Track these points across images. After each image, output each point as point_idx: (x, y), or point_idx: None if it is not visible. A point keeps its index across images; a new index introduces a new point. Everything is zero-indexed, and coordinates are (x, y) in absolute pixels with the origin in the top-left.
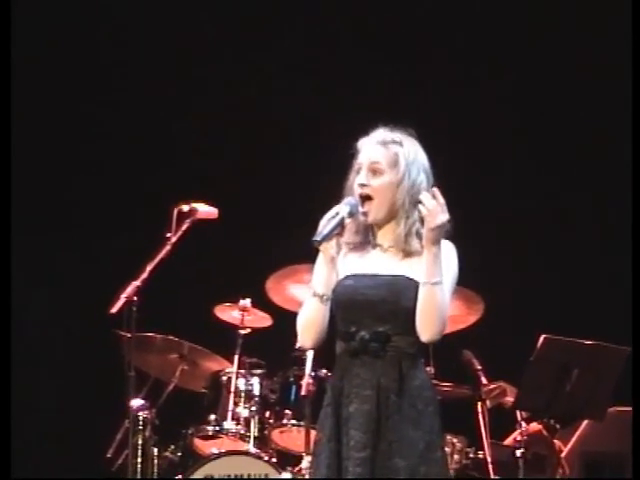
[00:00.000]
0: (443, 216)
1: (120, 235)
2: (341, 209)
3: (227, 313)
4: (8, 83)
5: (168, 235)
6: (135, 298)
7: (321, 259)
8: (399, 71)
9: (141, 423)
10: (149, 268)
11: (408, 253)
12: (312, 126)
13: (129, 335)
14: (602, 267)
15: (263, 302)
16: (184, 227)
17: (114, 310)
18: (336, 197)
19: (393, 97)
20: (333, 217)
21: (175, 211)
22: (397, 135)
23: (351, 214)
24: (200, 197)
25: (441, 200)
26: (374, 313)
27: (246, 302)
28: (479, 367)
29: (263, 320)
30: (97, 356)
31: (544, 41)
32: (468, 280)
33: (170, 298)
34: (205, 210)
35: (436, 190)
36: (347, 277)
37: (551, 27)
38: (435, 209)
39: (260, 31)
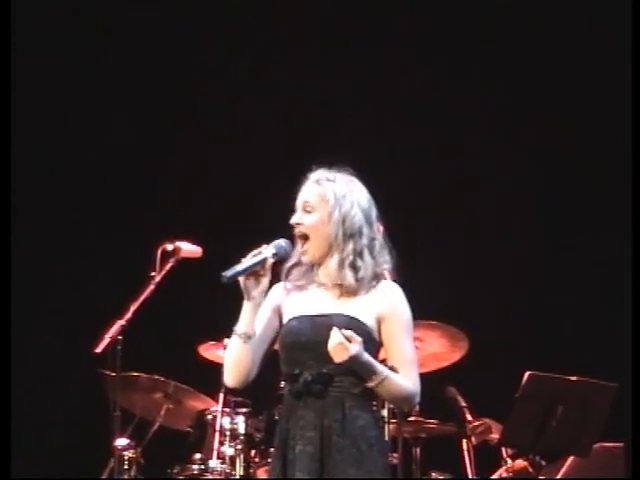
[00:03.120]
0: (344, 354)
1: (104, 274)
2: (265, 249)
3: (211, 352)
4: (8, 96)
5: (152, 274)
6: (120, 337)
7: (244, 296)
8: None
9: (126, 462)
10: (133, 307)
11: (345, 289)
12: (298, 160)
13: (114, 374)
14: (588, 303)
15: None
16: (168, 266)
17: (99, 350)
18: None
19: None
20: (254, 256)
21: (159, 250)
22: (332, 174)
23: (276, 255)
24: (184, 235)
25: (342, 339)
26: (316, 354)
27: None
28: (464, 404)
29: None
30: (82, 396)
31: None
32: (452, 317)
33: (154, 337)
34: (189, 249)
35: (345, 331)
36: (291, 319)
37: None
38: (335, 348)
39: (245, 60)
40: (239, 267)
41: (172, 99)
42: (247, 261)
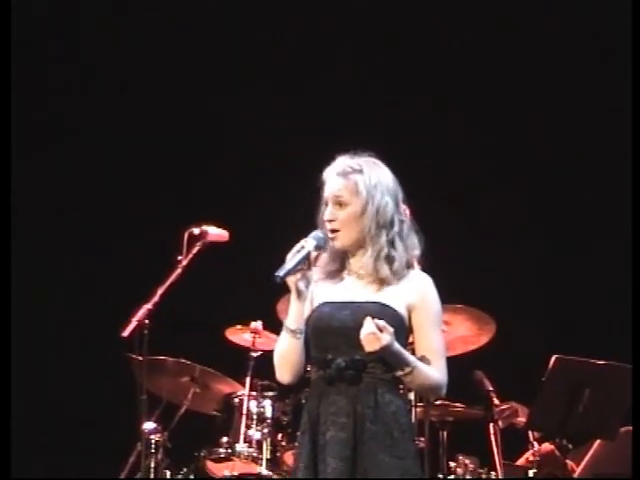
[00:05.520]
0: (376, 344)
1: (131, 258)
2: (307, 243)
3: (238, 336)
4: (8, 95)
5: (179, 258)
6: (147, 321)
7: (292, 294)
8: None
9: (153, 446)
10: (160, 291)
11: (381, 279)
12: (320, 145)
13: (141, 358)
14: (615, 286)
15: (274, 324)
16: (195, 250)
17: (126, 334)
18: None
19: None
20: (298, 251)
21: (186, 234)
22: (356, 162)
23: (318, 247)
24: (211, 219)
25: (374, 329)
26: (350, 340)
27: (257, 324)
28: (491, 388)
29: (274, 342)
30: (109, 379)
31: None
32: (479, 300)
33: (181, 321)
34: (216, 232)
35: (378, 321)
36: (323, 304)
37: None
38: (367, 337)
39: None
40: (289, 265)
41: (184, 92)
42: (294, 258)
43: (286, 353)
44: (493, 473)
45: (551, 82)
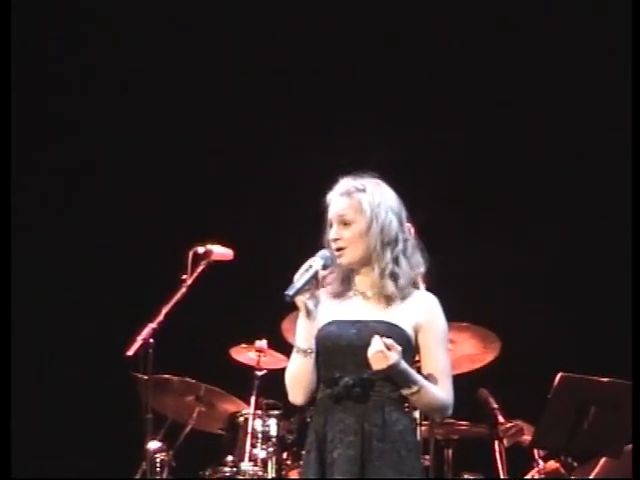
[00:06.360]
0: (383, 363)
1: (136, 277)
2: (314, 262)
3: (243, 354)
4: (8, 95)
5: (184, 277)
6: (151, 340)
7: (301, 313)
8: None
9: (158, 465)
10: (165, 310)
11: (387, 298)
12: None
13: (146, 377)
14: (619, 304)
15: (279, 343)
16: (199, 269)
17: (130, 353)
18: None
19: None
20: (306, 270)
21: (190, 253)
22: (359, 182)
23: (325, 267)
24: (215, 238)
25: (382, 347)
26: (357, 359)
27: (262, 343)
28: (496, 406)
29: (279, 361)
30: (114, 398)
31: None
32: (485, 319)
33: (186, 340)
34: (220, 251)
35: (386, 339)
36: (330, 323)
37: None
38: (375, 356)
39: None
40: (298, 284)
41: (196, 99)
42: (302, 277)
43: (299, 373)
44: None
45: (551, 82)
